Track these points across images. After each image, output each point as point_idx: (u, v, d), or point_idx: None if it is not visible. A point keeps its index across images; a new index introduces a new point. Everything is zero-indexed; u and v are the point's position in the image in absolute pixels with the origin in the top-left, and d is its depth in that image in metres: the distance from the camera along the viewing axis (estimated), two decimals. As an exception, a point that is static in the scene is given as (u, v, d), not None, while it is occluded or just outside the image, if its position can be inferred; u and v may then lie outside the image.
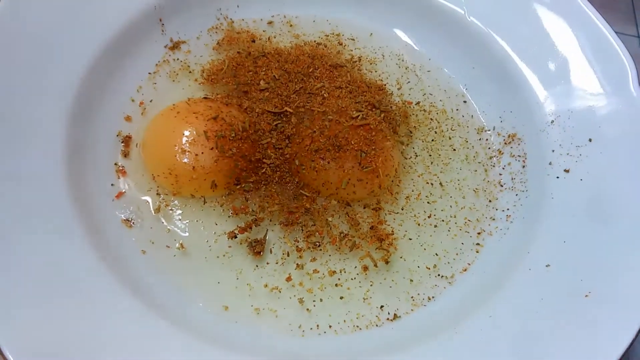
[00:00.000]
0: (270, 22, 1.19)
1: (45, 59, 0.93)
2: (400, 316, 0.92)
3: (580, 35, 1.08)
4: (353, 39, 1.21)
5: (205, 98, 1.04)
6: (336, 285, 0.93)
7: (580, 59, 1.07)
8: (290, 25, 1.20)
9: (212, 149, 0.94)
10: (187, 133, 0.95)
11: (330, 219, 0.98)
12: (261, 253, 0.93)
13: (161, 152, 0.96)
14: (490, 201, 1.05)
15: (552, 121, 1.05)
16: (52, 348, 0.74)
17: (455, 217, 1.03)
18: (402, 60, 1.19)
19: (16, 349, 0.72)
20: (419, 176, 1.06)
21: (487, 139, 1.12)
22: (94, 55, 0.99)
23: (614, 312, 0.83)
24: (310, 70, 1.08)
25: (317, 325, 0.89)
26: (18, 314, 0.75)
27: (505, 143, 1.10)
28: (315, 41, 1.18)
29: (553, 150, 1.03)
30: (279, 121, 1.01)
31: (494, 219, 1.03)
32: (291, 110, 1.01)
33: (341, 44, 1.19)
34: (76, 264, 0.82)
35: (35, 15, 0.95)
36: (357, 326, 0.90)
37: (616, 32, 1.36)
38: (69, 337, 0.75)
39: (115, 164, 0.98)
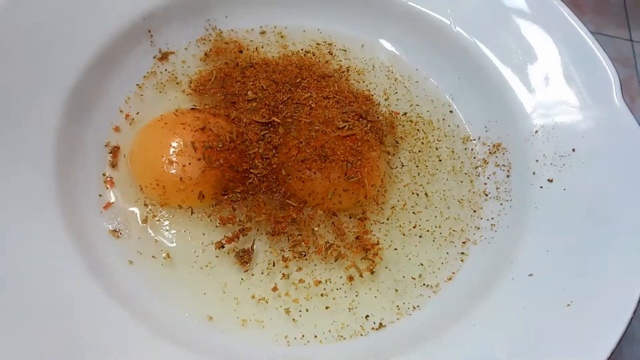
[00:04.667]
0: (262, 32, 1.20)
1: (34, 68, 0.94)
2: (385, 325, 0.93)
3: (565, 46, 1.10)
4: (345, 50, 1.22)
5: (192, 109, 1.05)
6: (322, 295, 0.94)
7: (564, 69, 1.08)
8: (281, 36, 1.21)
9: (199, 159, 0.94)
10: (174, 144, 0.95)
11: (316, 228, 0.99)
12: (248, 263, 0.94)
13: (149, 163, 0.97)
14: (474, 211, 1.06)
15: (537, 131, 1.06)
16: (38, 357, 0.74)
17: (440, 227, 1.04)
18: (392, 72, 1.21)
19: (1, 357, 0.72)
20: (405, 186, 1.07)
21: (472, 149, 1.13)
22: (83, 66, 0.99)
23: (595, 322, 0.84)
24: (298, 81, 1.09)
25: (303, 335, 0.90)
26: (4, 322, 0.75)
27: (490, 152, 1.11)
28: (303, 49, 1.19)
29: (537, 160, 1.04)
30: (267, 131, 1.02)
31: (478, 228, 1.04)
32: (279, 121, 1.02)
33: (331, 54, 1.20)
34: (63, 273, 0.83)
35: (23, 26, 0.95)
36: (342, 336, 0.90)
37: (609, 36, 1.38)
38: (54, 345, 0.76)
39: (104, 174, 0.99)
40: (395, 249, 1.00)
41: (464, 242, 1.03)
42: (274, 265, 0.95)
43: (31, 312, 0.77)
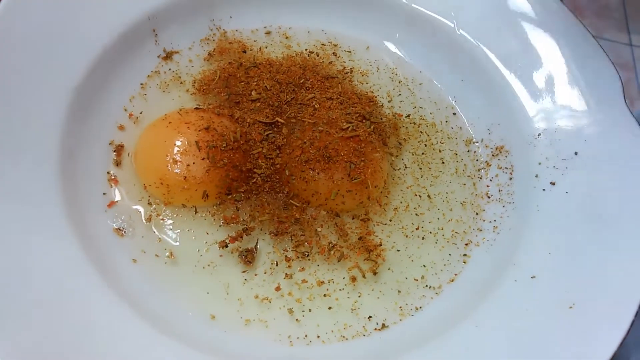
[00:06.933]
0: (267, 33, 1.20)
1: (38, 67, 0.94)
2: (388, 326, 0.93)
3: (569, 50, 1.10)
4: (349, 51, 1.22)
5: (196, 108, 1.05)
6: (325, 295, 0.94)
7: (568, 73, 1.09)
8: (286, 37, 1.21)
9: (203, 159, 0.95)
10: (178, 143, 0.96)
11: (319, 229, 0.99)
12: (252, 262, 0.94)
13: (153, 162, 0.97)
14: (477, 213, 1.06)
15: (539, 134, 1.06)
16: (42, 354, 0.75)
17: (442, 229, 1.04)
18: (396, 74, 1.21)
19: (6, 354, 0.73)
20: (407, 188, 1.07)
21: (475, 151, 1.13)
22: (88, 65, 0.99)
23: (597, 324, 0.84)
24: (301, 81, 1.09)
25: (305, 335, 0.90)
26: (8, 320, 0.75)
27: (493, 155, 1.11)
28: (307, 50, 1.19)
29: (540, 163, 1.04)
30: (270, 131, 1.02)
31: (481, 230, 1.04)
32: (282, 121, 1.03)
33: (335, 55, 1.20)
34: (67, 271, 0.83)
35: (29, 25, 0.95)
36: (344, 336, 0.91)
37: (609, 40, 1.39)
38: (58, 343, 0.76)
39: (108, 172, 0.99)
40: (398, 251, 1.01)
41: (466, 244, 1.03)
42: (277, 265, 0.96)
43: (34, 311, 0.78)
